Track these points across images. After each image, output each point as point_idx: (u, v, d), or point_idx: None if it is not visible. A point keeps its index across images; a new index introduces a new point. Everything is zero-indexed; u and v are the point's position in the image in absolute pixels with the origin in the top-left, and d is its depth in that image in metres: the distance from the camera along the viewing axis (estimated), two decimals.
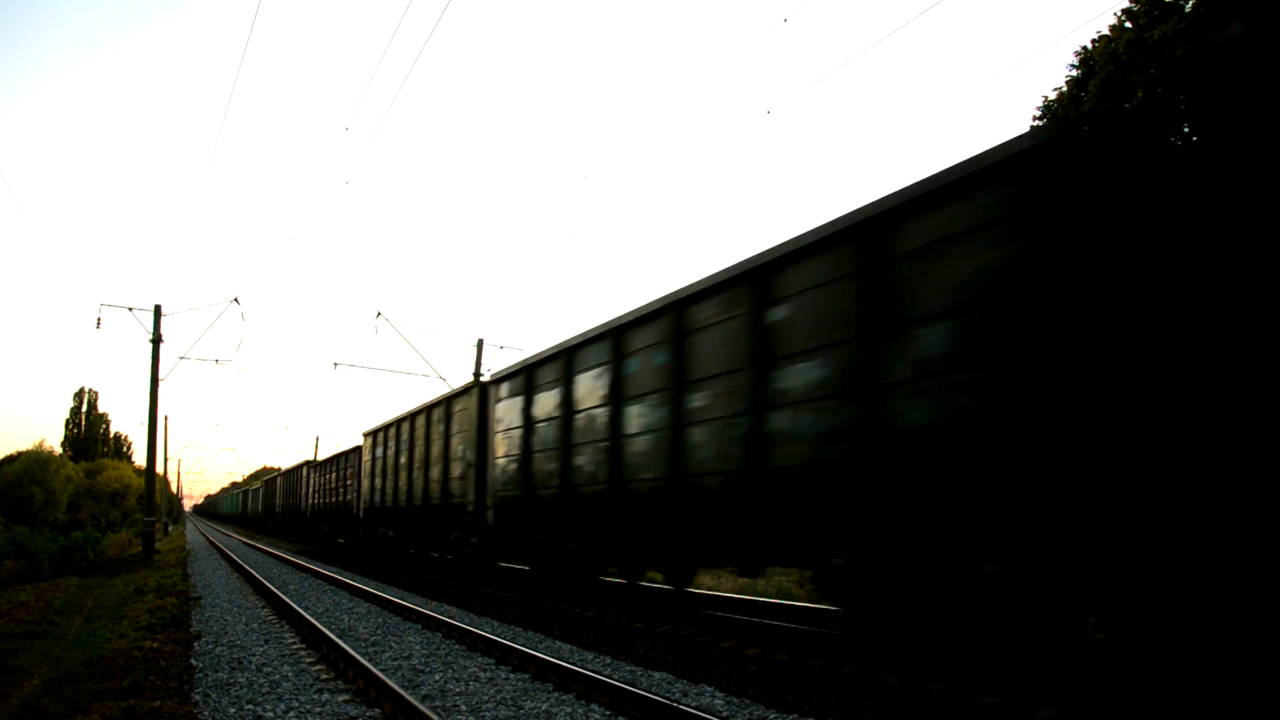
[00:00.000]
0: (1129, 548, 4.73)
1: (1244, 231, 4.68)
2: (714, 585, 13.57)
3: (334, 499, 27.33)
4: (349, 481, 25.09)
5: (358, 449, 23.95)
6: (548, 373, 11.45)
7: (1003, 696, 5.20)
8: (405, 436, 18.19)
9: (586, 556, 10.60)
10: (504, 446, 12.59)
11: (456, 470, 14.74)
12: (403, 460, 18.21)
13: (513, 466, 12.17)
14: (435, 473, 15.87)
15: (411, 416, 17.88)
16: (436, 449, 15.97)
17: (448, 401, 15.65)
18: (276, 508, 44.56)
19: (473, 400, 14.26)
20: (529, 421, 11.81)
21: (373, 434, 21.35)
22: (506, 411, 12.62)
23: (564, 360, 10.89)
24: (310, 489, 33.01)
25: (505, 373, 12.94)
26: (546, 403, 11.38)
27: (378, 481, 20.35)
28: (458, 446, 14.83)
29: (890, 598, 6.19)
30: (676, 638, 7.98)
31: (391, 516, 19.24)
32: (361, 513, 22.46)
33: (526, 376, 12.06)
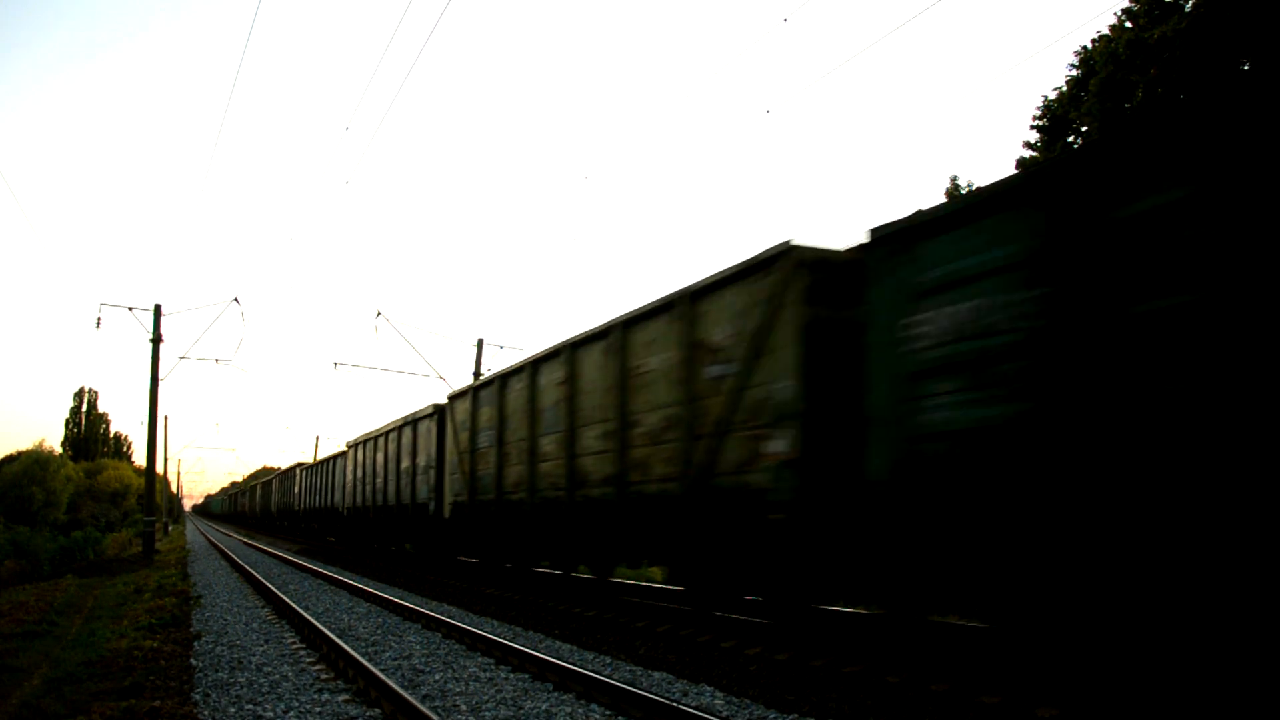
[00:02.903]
0: None
1: None
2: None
3: (284, 502, 42.24)
4: (293, 491, 38.27)
5: (294, 471, 39.09)
6: (367, 449, 21.61)
7: (1003, 696, 5.20)
8: (320, 473, 30.96)
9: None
10: (352, 477, 23.14)
11: (353, 492, 24.33)
12: (340, 481, 29.41)
13: (355, 487, 22.85)
14: (342, 494, 26.22)
15: (310, 465, 33.77)
16: (328, 483, 27.95)
17: (337, 457, 27.17)
18: (258, 509, 59.32)
19: (348, 452, 24.65)
20: (369, 466, 21.65)
21: (315, 461, 35.43)
22: (359, 458, 22.74)
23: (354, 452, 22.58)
24: (274, 493, 47.93)
25: (357, 440, 22.92)
26: (363, 464, 21.99)
27: (313, 492, 33.01)
28: (350, 476, 24.54)
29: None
30: (676, 638, 7.99)
31: (319, 515, 30.85)
32: (301, 511, 34.66)
33: (357, 449, 22.69)
